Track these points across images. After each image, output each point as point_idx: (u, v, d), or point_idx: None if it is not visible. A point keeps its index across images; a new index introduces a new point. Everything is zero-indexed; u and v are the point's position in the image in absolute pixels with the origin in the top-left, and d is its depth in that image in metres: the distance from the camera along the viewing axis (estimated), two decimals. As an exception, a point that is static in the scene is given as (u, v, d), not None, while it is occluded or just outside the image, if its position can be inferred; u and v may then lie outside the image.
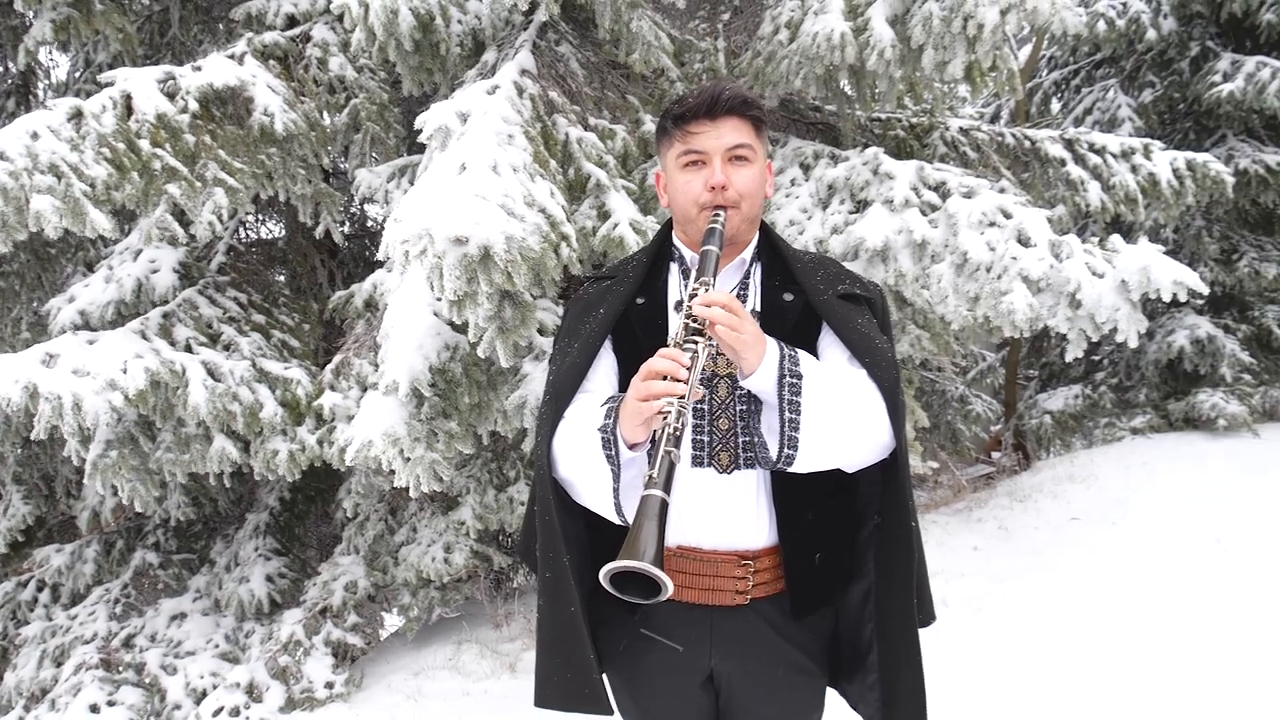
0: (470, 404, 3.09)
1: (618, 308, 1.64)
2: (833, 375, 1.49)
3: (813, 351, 1.59)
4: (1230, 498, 5.89)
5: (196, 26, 5.39)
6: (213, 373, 3.66)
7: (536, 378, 3.05)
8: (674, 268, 1.69)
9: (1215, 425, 7.30)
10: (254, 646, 4.65)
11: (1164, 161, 5.38)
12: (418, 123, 2.93)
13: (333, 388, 3.89)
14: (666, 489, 1.25)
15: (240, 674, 4.24)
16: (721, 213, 1.55)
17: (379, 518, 4.81)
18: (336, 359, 4.01)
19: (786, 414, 1.43)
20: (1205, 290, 3.14)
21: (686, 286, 1.59)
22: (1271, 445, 7.08)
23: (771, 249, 1.69)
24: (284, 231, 5.83)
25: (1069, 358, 3.47)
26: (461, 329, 2.99)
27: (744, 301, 1.63)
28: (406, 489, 3.27)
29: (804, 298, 1.61)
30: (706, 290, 1.44)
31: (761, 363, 1.43)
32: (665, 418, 1.31)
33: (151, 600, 5.39)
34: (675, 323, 1.60)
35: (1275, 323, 7.99)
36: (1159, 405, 8.08)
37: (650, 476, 1.27)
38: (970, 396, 9.45)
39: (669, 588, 1.20)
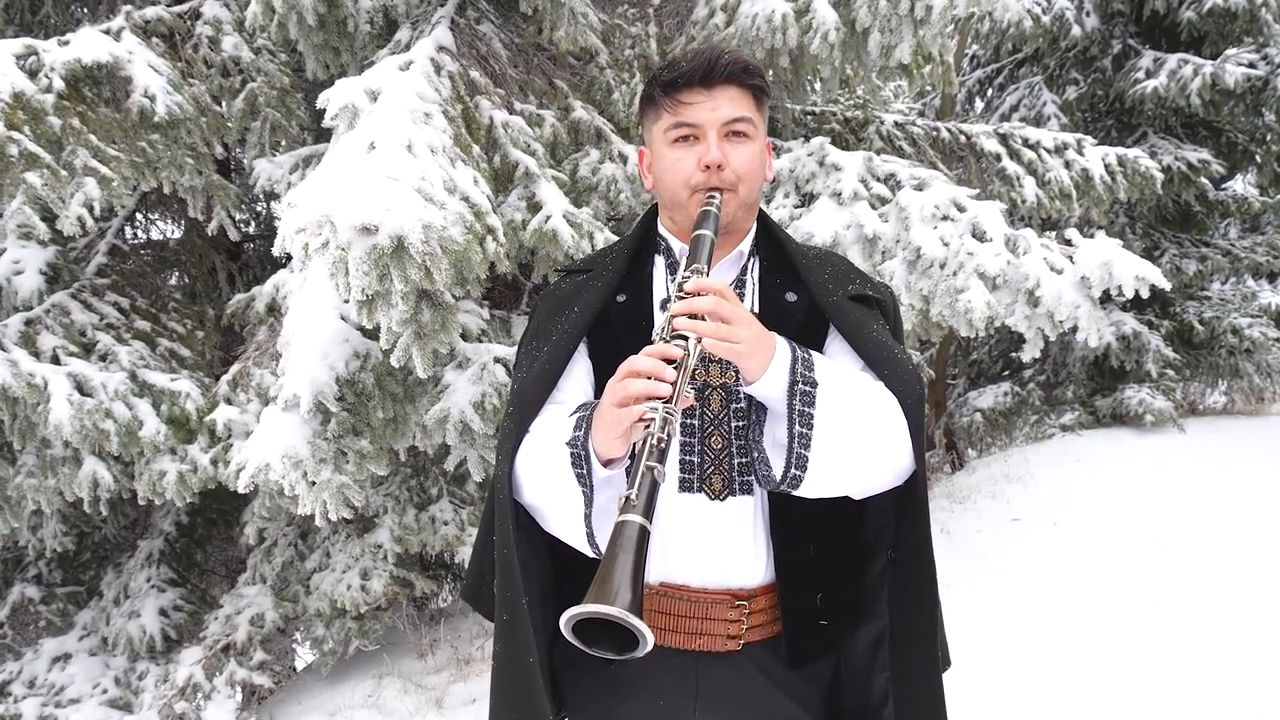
0: (384, 419, 2.75)
1: (595, 306, 1.41)
2: (852, 385, 1.28)
3: None
4: (1165, 495, 5.89)
5: (74, 4, 4.88)
6: (82, 386, 3.21)
7: (460, 388, 2.72)
8: (659, 260, 1.47)
9: (1142, 421, 7.36)
10: (148, 690, 4.19)
11: (1096, 157, 5.34)
12: (320, 100, 2.57)
13: (229, 401, 3.48)
14: (648, 514, 1.03)
15: (129, 725, 3.79)
16: (716, 195, 1.34)
17: (288, 542, 4.39)
18: (234, 369, 3.61)
19: (797, 427, 1.22)
20: (1168, 285, 3.00)
21: (675, 278, 1.35)
22: (1197, 440, 7.16)
23: (771, 242, 1.48)
24: (181, 231, 5.34)
25: (1026, 357, 3.31)
26: (373, 334, 2.65)
27: (741, 301, 1.40)
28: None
29: (809, 298, 1.41)
30: (698, 280, 1.22)
31: (770, 365, 1.22)
32: (648, 426, 1.09)
33: (32, 640, 4.85)
34: (661, 319, 1.37)
35: (1196, 318, 8.12)
36: (1086, 402, 8.13)
37: (627, 498, 1.04)
38: (898, 395, 9.43)
39: (648, 640, 0.96)
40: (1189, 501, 5.72)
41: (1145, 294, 3.06)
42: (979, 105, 9.95)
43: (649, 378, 1.12)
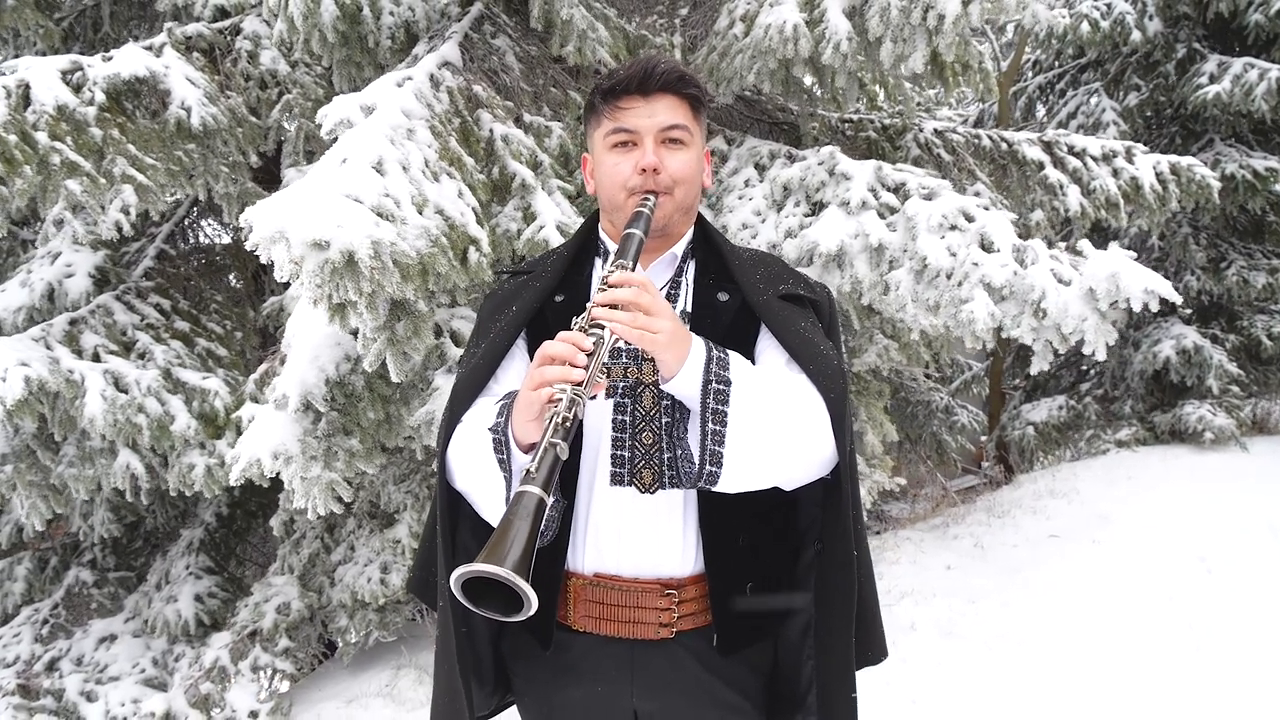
0: (375, 420, 2.85)
1: (533, 305, 1.49)
2: (768, 381, 1.32)
3: (748, 357, 1.42)
4: (1217, 515, 5.66)
5: (132, 22, 5.16)
6: (117, 382, 3.41)
7: (447, 391, 2.80)
8: (599, 262, 1.54)
9: (1202, 438, 7.08)
10: (180, 671, 4.40)
11: (1147, 165, 5.15)
12: (318, 116, 2.70)
13: (255, 399, 3.64)
14: (546, 486, 1.09)
15: (157, 703, 3.98)
16: (651, 198, 1.41)
17: (315, 535, 4.56)
18: (261, 368, 3.77)
19: (711, 424, 1.26)
20: (1178, 299, 2.91)
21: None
22: (1260, 460, 6.84)
23: (707, 244, 1.54)
24: (229, 236, 5.59)
25: (1033, 370, 3.25)
26: (366, 338, 2.77)
27: (674, 301, 1.48)
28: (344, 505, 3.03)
29: (741, 297, 1.46)
30: (622, 273, 1.28)
31: (684, 364, 1.26)
32: (555, 405, 1.15)
33: (83, 621, 5.13)
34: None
35: (1264, 333, 7.75)
36: (1144, 417, 7.86)
37: (528, 471, 1.11)
38: (955, 407, 9.23)
39: (532, 602, 1.02)
40: (1241, 523, 5.48)
41: (1155, 307, 2.97)
42: (1040, 111, 9.68)
43: (564, 363, 1.17)
